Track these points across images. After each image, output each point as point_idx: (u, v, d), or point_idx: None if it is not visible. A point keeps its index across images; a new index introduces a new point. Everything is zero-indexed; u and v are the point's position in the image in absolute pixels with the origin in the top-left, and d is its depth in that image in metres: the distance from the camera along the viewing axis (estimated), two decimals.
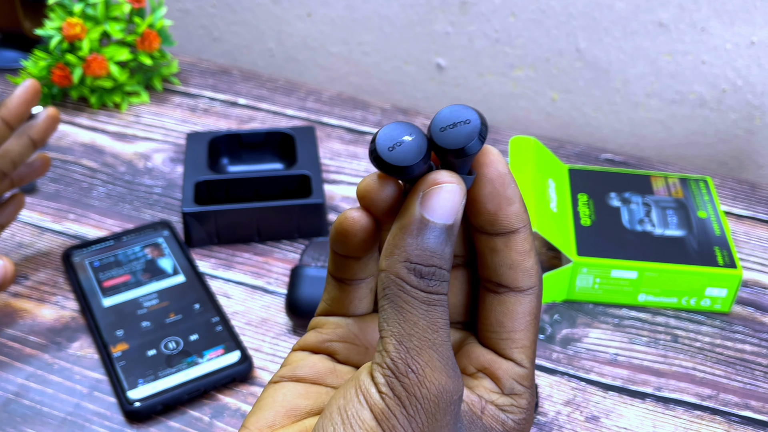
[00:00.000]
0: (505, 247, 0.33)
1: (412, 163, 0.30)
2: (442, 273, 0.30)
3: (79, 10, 0.86)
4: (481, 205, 0.32)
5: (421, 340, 0.29)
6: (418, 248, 0.30)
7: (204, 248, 0.72)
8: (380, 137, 0.30)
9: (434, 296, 0.30)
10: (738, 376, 0.62)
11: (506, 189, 0.32)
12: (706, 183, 0.75)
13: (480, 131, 0.30)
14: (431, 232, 0.30)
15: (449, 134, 0.30)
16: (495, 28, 0.93)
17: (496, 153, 0.32)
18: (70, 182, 0.79)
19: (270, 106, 0.92)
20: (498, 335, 0.33)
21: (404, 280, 0.30)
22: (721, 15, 0.84)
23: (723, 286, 0.66)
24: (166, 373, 0.59)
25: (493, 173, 0.32)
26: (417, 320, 0.29)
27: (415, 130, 0.30)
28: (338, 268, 0.35)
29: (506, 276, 0.33)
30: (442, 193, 0.30)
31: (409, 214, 0.30)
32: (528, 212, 0.33)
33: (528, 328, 0.33)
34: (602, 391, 0.61)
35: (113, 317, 0.63)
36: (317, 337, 0.35)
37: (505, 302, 0.33)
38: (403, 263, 0.30)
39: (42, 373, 0.61)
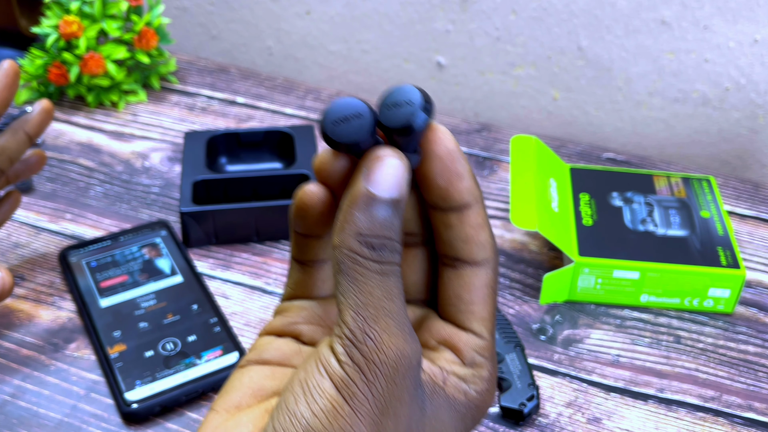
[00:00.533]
0: (459, 222, 0.34)
1: (355, 140, 0.31)
2: (392, 244, 0.31)
3: (76, 8, 0.86)
4: (432, 182, 0.33)
5: (377, 308, 0.30)
6: (367, 221, 0.30)
7: (202, 248, 0.72)
8: (328, 113, 0.32)
9: (387, 266, 0.31)
10: (741, 378, 0.62)
11: (455, 164, 0.33)
12: (709, 182, 0.75)
13: (421, 110, 0.31)
14: (378, 205, 0.31)
15: (393, 113, 0.31)
16: (496, 26, 0.93)
17: (443, 130, 0.33)
18: (67, 182, 0.79)
19: (269, 105, 0.92)
20: (457, 308, 0.34)
21: (357, 252, 0.30)
22: (724, 13, 0.84)
23: (726, 287, 0.66)
24: (164, 375, 0.59)
25: (441, 150, 0.33)
26: (372, 290, 0.30)
27: (362, 107, 0.31)
28: (300, 250, 0.36)
29: (462, 250, 0.34)
30: (384, 168, 0.31)
31: (356, 189, 0.31)
32: (479, 187, 0.34)
33: (485, 300, 0.34)
34: (604, 393, 0.61)
35: (110, 318, 0.64)
36: (282, 321, 0.36)
37: (462, 276, 0.34)
38: (354, 237, 0.30)
39: (38, 374, 0.61)
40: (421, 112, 0.31)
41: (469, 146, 0.86)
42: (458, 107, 1.01)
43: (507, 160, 0.84)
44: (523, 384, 0.60)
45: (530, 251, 0.73)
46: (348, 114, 0.31)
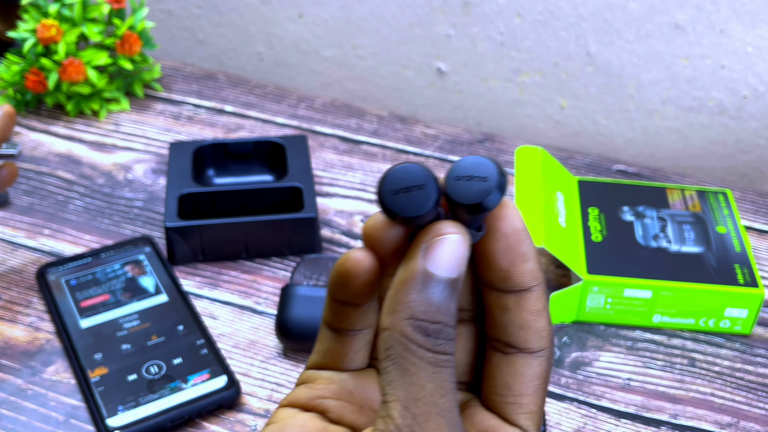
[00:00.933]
0: (517, 306, 0.33)
1: (416, 213, 0.30)
2: (448, 331, 0.30)
3: (55, 11, 0.87)
4: (494, 261, 0.32)
5: (428, 405, 0.29)
6: (423, 304, 0.29)
7: (188, 266, 0.73)
8: (388, 180, 0.31)
9: (441, 357, 0.30)
10: (760, 403, 0.63)
11: (521, 245, 0.32)
12: (725, 196, 0.76)
13: (497, 189, 0.30)
14: (436, 286, 0.30)
15: (465, 187, 0.30)
16: (500, 30, 0.94)
17: (512, 207, 0.32)
18: (45, 195, 0.80)
19: (259, 114, 0.93)
20: (504, 399, 0.33)
21: (409, 338, 0.29)
22: (741, 16, 0.85)
23: (744, 306, 0.67)
24: (148, 400, 0.60)
25: (507, 228, 0.32)
26: (424, 383, 0.29)
27: (426, 177, 0.31)
28: (335, 317, 0.35)
29: (516, 336, 0.33)
30: (446, 245, 0.30)
31: (412, 267, 0.30)
32: (542, 271, 0.33)
33: (536, 392, 0.33)
34: (614, 419, 0.61)
35: (91, 339, 0.64)
36: (308, 393, 0.35)
37: (513, 364, 0.33)
38: (407, 320, 0.29)
39: (15, 399, 0.61)
40: (496, 191, 0.30)
41: None
42: (460, 116, 1.02)
43: (511, 173, 0.85)
44: None
45: None
46: (410, 184, 0.30)
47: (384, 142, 0.88)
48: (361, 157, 0.86)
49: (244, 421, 0.60)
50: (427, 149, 0.88)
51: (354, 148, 0.87)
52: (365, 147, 0.88)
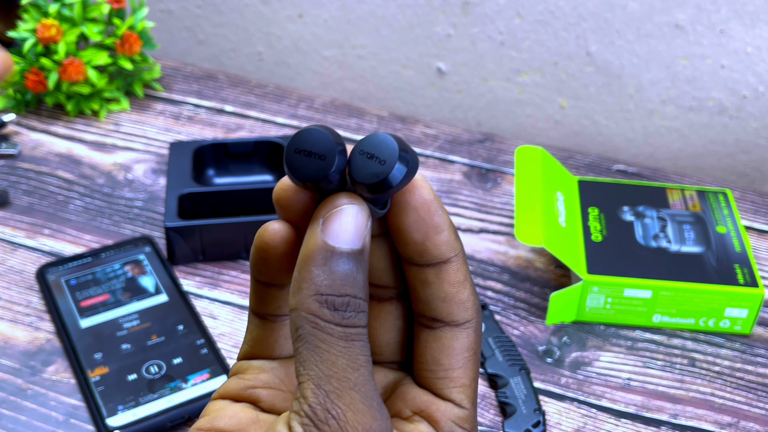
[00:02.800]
0: (437, 279, 0.32)
1: (310, 179, 0.30)
2: (357, 302, 0.29)
3: (55, 11, 0.87)
4: (407, 235, 0.32)
5: (341, 381, 0.29)
6: (327, 278, 0.29)
7: (188, 266, 0.73)
8: (294, 139, 0.30)
9: (352, 330, 0.29)
10: (760, 403, 0.63)
11: (433, 216, 0.32)
12: (725, 196, 0.76)
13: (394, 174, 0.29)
14: (338, 259, 0.29)
15: (363, 164, 0.30)
16: (499, 30, 0.94)
17: (420, 179, 0.31)
18: (45, 195, 0.80)
19: (259, 114, 0.93)
20: (434, 374, 0.33)
21: (317, 315, 0.29)
22: (741, 16, 0.85)
23: (744, 306, 0.67)
24: (148, 399, 0.60)
25: (417, 200, 0.31)
26: (335, 359, 0.29)
27: (330, 149, 0.30)
28: (260, 301, 0.35)
29: (440, 310, 0.33)
30: (343, 216, 0.30)
31: (312, 242, 0.30)
32: (460, 240, 0.33)
33: (467, 365, 0.33)
34: (614, 419, 0.62)
35: (91, 339, 0.64)
36: (239, 384, 0.35)
37: (440, 338, 0.33)
38: (313, 297, 0.29)
39: (15, 399, 0.61)
40: (394, 173, 0.29)
41: (471, 157, 0.87)
42: (460, 116, 1.02)
43: (511, 173, 0.85)
44: (528, 409, 0.60)
45: (536, 269, 0.74)
46: (314, 150, 0.30)
47: None
48: None
49: None
50: (427, 149, 0.88)
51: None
52: None
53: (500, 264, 0.74)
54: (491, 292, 0.71)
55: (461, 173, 0.85)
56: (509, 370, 0.63)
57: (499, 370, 0.63)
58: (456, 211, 0.80)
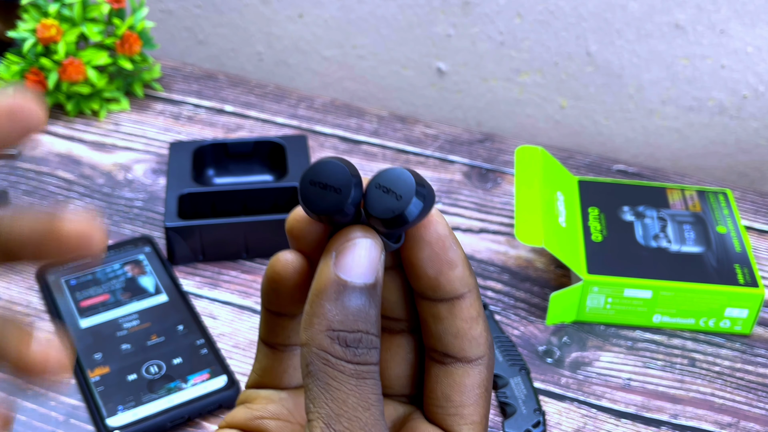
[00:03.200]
0: (450, 314, 0.32)
1: (324, 212, 0.29)
2: (369, 339, 0.29)
3: (55, 11, 0.87)
4: (421, 270, 0.31)
5: (351, 420, 0.28)
6: (339, 313, 0.29)
7: (188, 266, 0.73)
8: (310, 170, 0.30)
9: (363, 367, 0.29)
10: (760, 403, 0.63)
11: (447, 252, 0.31)
12: (725, 196, 0.76)
13: (409, 210, 0.29)
14: (351, 293, 0.29)
15: (379, 198, 0.29)
16: (500, 30, 0.94)
17: (435, 213, 0.31)
18: (45, 195, 0.80)
19: (259, 114, 0.93)
20: (445, 410, 0.32)
21: (328, 351, 0.29)
22: (741, 16, 0.85)
23: (744, 306, 0.67)
24: (148, 399, 0.60)
25: (431, 236, 0.31)
26: (345, 398, 0.28)
27: (346, 182, 0.29)
28: (270, 331, 0.34)
29: (452, 345, 0.32)
30: (357, 250, 0.29)
31: (325, 276, 0.29)
32: (474, 276, 0.32)
33: (478, 402, 0.32)
34: (614, 419, 0.62)
35: (91, 339, 0.64)
36: (246, 414, 0.34)
37: (452, 374, 0.32)
38: (325, 332, 0.29)
39: (14, 399, 0.61)
40: (410, 209, 0.29)
41: (471, 157, 0.87)
42: (460, 116, 1.02)
43: (511, 172, 0.85)
44: (528, 409, 0.60)
45: (536, 269, 0.74)
46: (330, 183, 0.29)
47: (384, 142, 0.89)
48: (361, 157, 0.86)
49: None
50: (427, 149, 0.88)
51: (354, 148, 0.88)
52: (365, 147, 0.88)
53: (500, 264, 0.74)
54: (491, 292, 0.71)
55: (461, 173, 0.85)
56: (509, 370, 0.63)
57: (499, 370, 0.63)
58: (456, 211, 0.80)
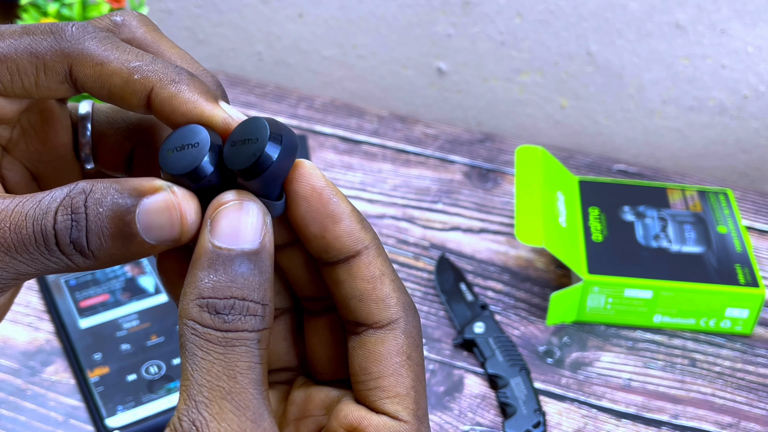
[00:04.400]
0: (348, 276, 0.30)
1: (184, 171, 0.28)
2: (244, 305, 0.27)
3: (54, 11, 0.87)
4: (306, 229, 0.29)
5: (212, 389, 0.27)
6: (210, 281, 0.27)
7: None
8: (169, 139, 0.29)
9: (233, 334, 0.27)
10: (761, 403, 0.63)
11: (326, 206, 0.29)
12: (726, 196, 0.76)
13: (270, 149, 0.27)
14: (225, 260, 0.27)
15: (237, 151, 0.28)
16: (500, 29, 0.94)
17: (308, 165, 0.29)
18: None
19: (259, 114, 0.92)
20: (365, 385, 0.30)
21: (196, 320, 0.27)
22: (742, 16, 0.85)
23: (744, 307, 0.67)
24: (148, 400, 0.60)
25: (305, 189, 0.29)
26: (210, 366, 0.27)
27: (201, 135, 0.28)
28: None
29: (358, 310, 0.30)
30: (230, 213, 0.27)
31: (199, 245, 0.28)
32: (371, 230, 0.30)
33: (399, 371, 0.30)
34: (615, 419, 0.62)
35: (90, 339, 0.64)
36: None
37: (365, 343, 0.30)
38: (194, 302, 0.27)
39: (14, 399, 0.61)
40: (268, 150, 0.27)
41: (471, 157, 0.87)
42: (460, 116, 1.02)
43: (512, 172, 0.85)
44: (528, 410, 0.60)
45: (536, 269, 0.74)
46: (185, 142, 0.28)
47: (384, 141, 0.89)
48: (361, 157, 0.86)
49: None
50: (428, 149, 0.88)
51: (354, 147, 0.88)
52: (365, 147, 0.88)
53: (500, 264, 0.74)
54: (491, 292, 0.71)
55: (461, 173, 0.85)
56: (509, 370, 0.63)
57: (499, 370, 0.63)
58: (456, 211, 0.80)
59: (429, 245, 0.75)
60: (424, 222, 0.78)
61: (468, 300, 0.69)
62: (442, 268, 0.72)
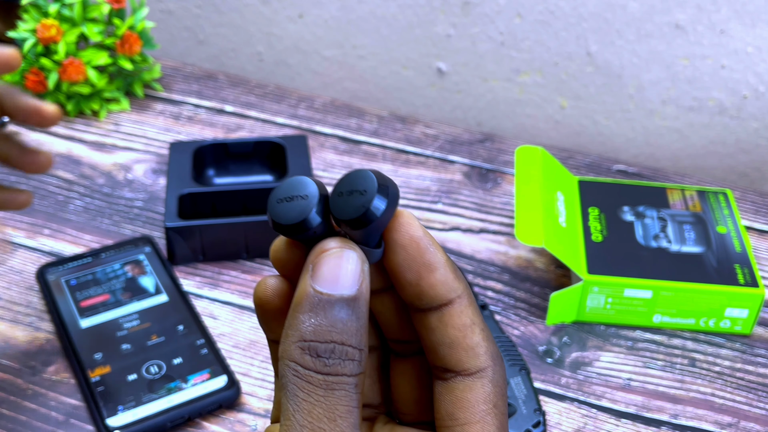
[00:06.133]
0: (440, 324, 0.30)
1: (293, 221, 0.29)
2: (344, 349, 0.28)
3: (55, 11, 0.87)
4: (401, 277, 0.30)
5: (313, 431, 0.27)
6: (312, 324, 0.28)
7: (188, 266, 0.73)
8: (277, 190, 0.30)
9: (333, 378, 0.28)
10: (760, 403, 0.63)
11: (423, 254, 0.30)
12: (725, 196, 0.76)
13: (378, 201, 0.28)
14: (326, 305, 0.28)
15: (343, 202, 0.29)
16: (500, 30, 0.94)
17: (406, 215, 0.30)
18: (45, 195, 0.80)
19: (259, 114, 0.93)
20: (451, 430, 0.31)
21: (298, 362, 0.28)
22: (741, 16, 0.85)
23: (744, 306, 0.67)
24: (148, 399, 0.60)
25: (403, 238, 0.30)
26: (311, 408, 0.28)
27: (310, 188, 0.29)
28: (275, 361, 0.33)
29: (448, 357, 0.31)
30: (332, 260, 0.28)
31: (300, 289, 0.29)
32: (464, 280, 0.31)
33: (485, 419, 0.30)
34: (615, 419, 0.62)
35: (91, 339, 0.64)
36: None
37: (453, 389, 0.31)
38: (296, 344, 0.28)
39: (14, 399, 0.61)
40: (375, 203, 0.28)
41: (471, 158, 0.87)
42: (460, 116, 1.02)
43: (511, 173, 0.85)
44: (528, 409, 0.60)
45: (536, 269, 0.74)
46: (294, 194, 0.29)
47: (384, 142, 0.89)
48: (361, 157, 0.86)
49: (244, 421, 0.60)
50: (427, 149, 0.88)
51: (354, 148, 0.88)
52: (365, 147, 0.88)
53: (500, 264, 0.74)
54: (491, 292, 0.71)
55: (461, 173, 0.85)
56: (509, 370, 0.63)
57: None
58: (456, 211, 0.80)
59: None
60: (424, 222, 0.78)
61: None
62: None
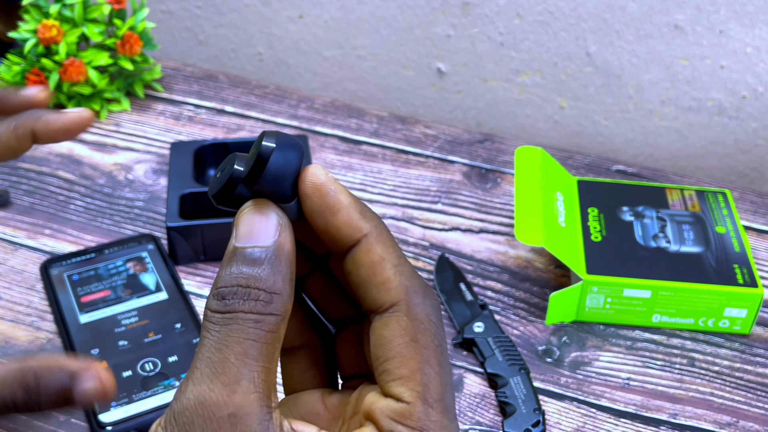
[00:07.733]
0: (353, 266, 0.31)
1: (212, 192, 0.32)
2: (246, 291, 0.29)
3: (56, 12, 0.87)
4: (315, 226, 0.31)
5: (202, 360, 0.29)
6: (225, 275, 0.30)
7: (189, 266, 0.73)
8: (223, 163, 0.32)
9: (229, 315, 0.29)
10: (759, 402, 0.63)
11: (325, 199, 0.31)
12: (725, 196, 0.76)
13: (262, 151, 0.30)
14: (240, 257, 0.30)
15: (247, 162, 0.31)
16: (499, 30, 0.94)
17: (313, 167, 0.31)
18: (46, 195, 0.80)
19: (259, 114, 0.92)
20: (376, 370, 0.31)
21: (209, 308, 0.30)
22: (740, 17, 0.85)
23: (743, 306, 0.66)
24: (141, 396, 0.59)
25: (308, 187, 0.31)
26: (208, 343, 0.29)
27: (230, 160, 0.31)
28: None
29: (364, 298, 0.31)
30: (246, 217, 0.30)
31: (226, 249, 0.31)
32: (373, 219, 0.31)
33: (402, 353, 0.30)
34: (614, 418, 0.61)
35: (89, 335, 0.64)
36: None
37: (373, 330, 0.31)
38: (211, 293, 0.30)
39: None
40: (263, 149, 0.30)
41: (471, 158, 0.86)
42: (460, 116, 1.02)
43: (511, 173, 0.84)
44: (528, 409, 0.60)
45: (536, 269, 0.73)
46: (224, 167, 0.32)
47: (384, 142, 0.88)
48: (361, 157, 0.86)
49: None
50: (427, 149, 0.88)
51: (354, 148, 0.87)
52: (365, 147, 0.87)
53: (500, 264, 0.74)
54: (491, 292, 0.71)
55: (461, 173, 0.84)
56: (509, 369, 0.63)
57: (498, 369, 0.63)
58: (456, 211, 0.79)
59: (429, 245, 0.75)
60: (423, 222, 0.78)
61: (467, 300, 0.69)
62: (441, 268, 0.72)
